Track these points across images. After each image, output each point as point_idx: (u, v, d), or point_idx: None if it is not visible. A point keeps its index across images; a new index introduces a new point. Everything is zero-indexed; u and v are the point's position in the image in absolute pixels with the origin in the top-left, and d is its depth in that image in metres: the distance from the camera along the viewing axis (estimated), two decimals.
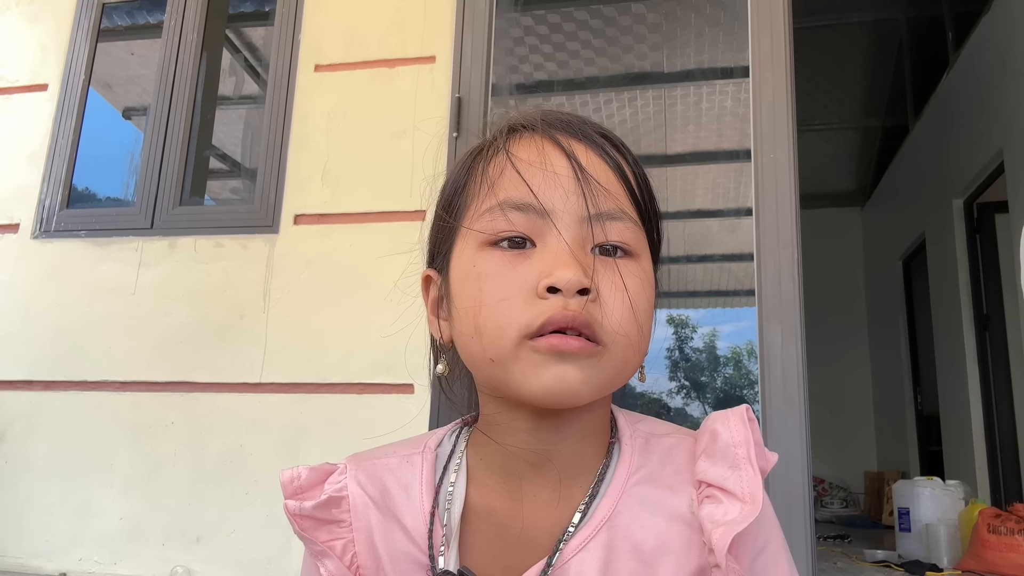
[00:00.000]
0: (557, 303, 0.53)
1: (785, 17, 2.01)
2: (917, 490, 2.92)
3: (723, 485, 0.56)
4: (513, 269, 0.55)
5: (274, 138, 2.33)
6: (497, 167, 0.59)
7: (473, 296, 0.56)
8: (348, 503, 0.61)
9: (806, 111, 5.20)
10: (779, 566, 0.59)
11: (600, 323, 0.54)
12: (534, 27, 2.88)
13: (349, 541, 0.61)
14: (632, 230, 0.58)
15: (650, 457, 0.61)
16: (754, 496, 0.55)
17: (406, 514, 0.61)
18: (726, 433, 0.58)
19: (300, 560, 0.66)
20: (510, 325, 0.54)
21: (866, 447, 6.09)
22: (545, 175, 0.57)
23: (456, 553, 0.59)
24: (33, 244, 2.42)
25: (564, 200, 0.56)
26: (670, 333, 2.88)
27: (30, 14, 2.67)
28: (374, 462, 0.64)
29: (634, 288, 0.56)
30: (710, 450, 0.59)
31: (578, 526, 0.58)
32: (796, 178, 1.91)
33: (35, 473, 2.23)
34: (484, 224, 0.57)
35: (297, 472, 0.62)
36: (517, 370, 0.54)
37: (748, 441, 0.58)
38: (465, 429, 0.67)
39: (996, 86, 3.81)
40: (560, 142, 0.59)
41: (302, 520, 0.60)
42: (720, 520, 0.55)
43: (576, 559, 0.56)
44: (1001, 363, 4.10)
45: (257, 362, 2.16)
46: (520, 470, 0.60)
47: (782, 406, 1.80)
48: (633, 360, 0.58)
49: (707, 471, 0.58)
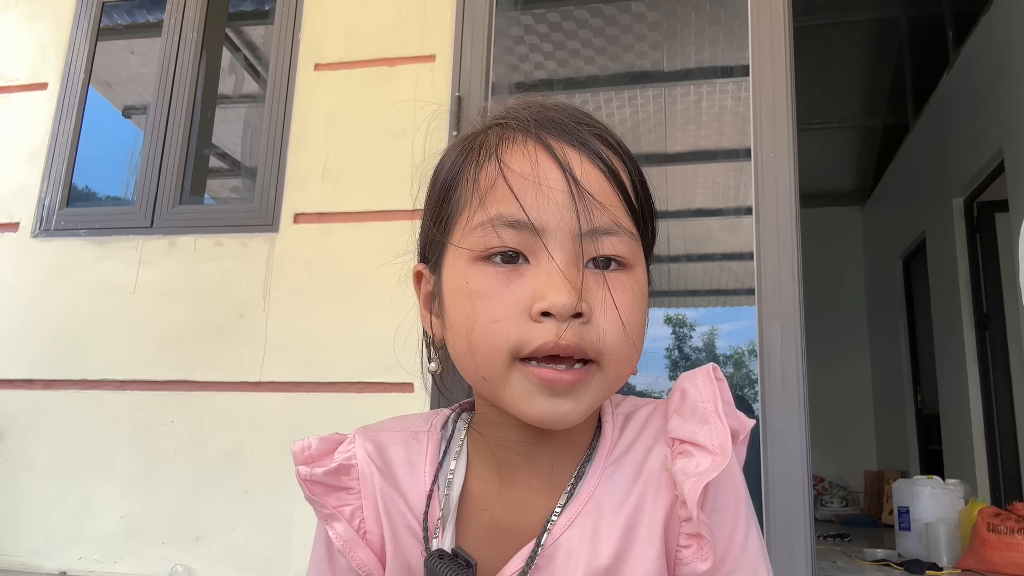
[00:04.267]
0: (550, 329, 0.53)
1: (785, 16, 2.01)
2: (917, 489, 2.92)
3: (694, 439, 0.58)
4: (506, 288, 0.55)
5: (274, 137, 2.32)
6: (488, 176, 0.58)
7: (466, 314, 0.56)
8: (357, 471, 0.63)
9: (806, 110, 5.19)
10: (724, 525, 0.59)
11: (592, 344, 0.54)
12: (534, 26, 2.88)
13: (357, 507, 0.62)
14: (626, 242, 0.57)
15: (628, 431, 0.63)
16: (723, 447, 0.57)
17: (409, 489, 0.63)
18: (694, 390, 0.61)
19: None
20: (502, 347, 0.54)
21: (866, 446, 6.08)
22: (539, 190, 0.56)
23: (452, 534, 0.61)
24: (33, 243, 2.42)
25: (558, 217, 0.55)
26: (669, 332, 2.88)
27: (30, 13, 2.67)
28: (381, 434, 0.66)
29: (627, 304, 0.56)
30: (680, 408, 0.61)
31: (564, 506, 0.60)
32: (796, 177, 1.91)
33: (35, 472, 2.23)
34: (476, 239, 0.56)
35: (308, 442, 0.63)
36: (509, 392, 0.55)
37: (715, 395, 0.60)
38: (465, 414, 0.68)
39: (996, 85, 3.81)
40: (554, 151, 0.57)
41: (313, 486, 0.62)
42: (692, 472, 0.56)
43: (565, 536, 0.58)
44: (1001, 362, 4.09)
45: (257, 361, 2.16)
46: (513, 460, 0.62)
47: (782, 405, 1.80)
48: (626, 372, 0.58)
49: (678, 428, 0.60)
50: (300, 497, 0.63)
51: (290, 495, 2.01)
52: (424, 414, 0.69)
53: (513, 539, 0.60)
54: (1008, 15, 3.66)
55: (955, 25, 4.39)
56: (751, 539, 0.60)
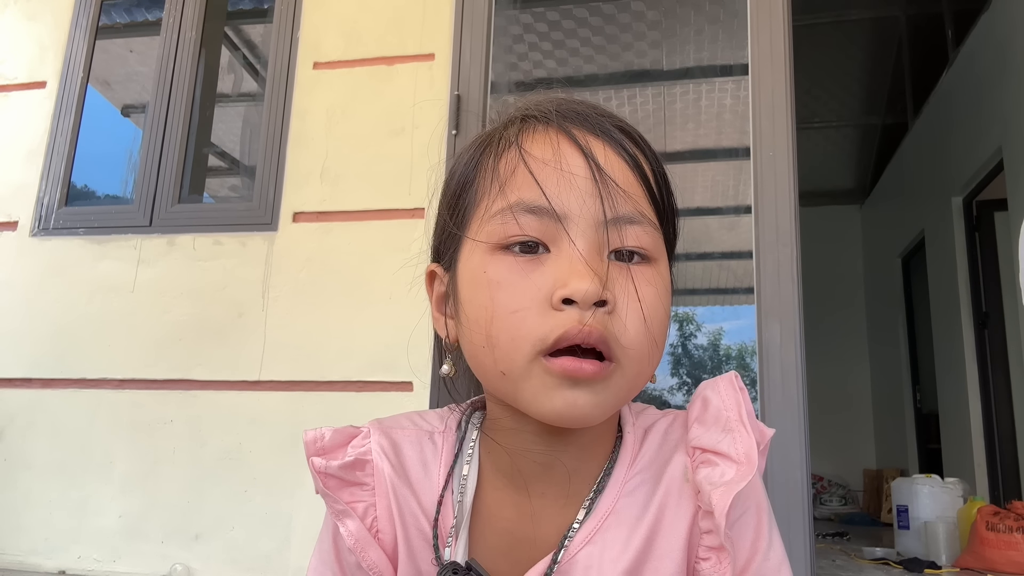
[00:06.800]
0: (573, 316, 0.51)
1: (785, 15, 2.01)
2: (916, 488, 2.92)
3: (717, 448, 0.56)
4: (526, 277, 0.53)
5: (273, 135, 2.32)
6: (509, 164, 0.56)
7: (484, 305, 0.54)
8: (372, 467, 0.60)
9: (805, 109, 5.19)
10: (746, 534, 0.58)
11: (615, 337, 0.52)
12: (533, 24, 2.88)
13: (371, 504, 0.60)
14: (650, 234, 0.55)
15: (648, 443, 0.61)
16: (749, 456, 0.55)
17: (422, 491, 0.61)
18: (716, 399, 0.59)
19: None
20: (524, 339, 0.52)
21: (865, 445, 6.09)
22: (560, 176, 0.54)
23: (465, 544, 0.59)
24: (32, 242, 2.42)
25: (580, 204, 0.53)
26: (674, 330, 2.88)
27: (28, 11, 2.66)
28: (396, 431, 0.63)
29: (650, 298, 0.54)
30: (702, 417, 0.59)
31: (583, 521, 0.57)
32: (795, 176, 1.91)
33: (34, 471, 2.23)
34: (495, 228, 0.54)
35: (320, 433, 0.61)
36: (528, 388, 0.53)
37: (739, 403, 0.58)
38: (478, 413, 0.66)
39: (996, 84, 3.81)
40: (576, 138, 0.55)
41: (327, 479, 0.59)
42: (717, 482, 0.54)
43: (584, 552, 0.56)
44: (1000, 361, 4.10)
45: (256, 360, 2.16)
46: (528, 469, 0.59)
47: (781, 404, 1.80)
48: (646, 372, 0.56)
49: (700, 437, 0.58)
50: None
51: (290, 494, 2.01)
52: (439, 412, 0.66)
53: (528, 551, 0.58)
54: (1008, 14, 3.66)
55: (955, 24, 4.39)
56: (774, 547, 0.58)
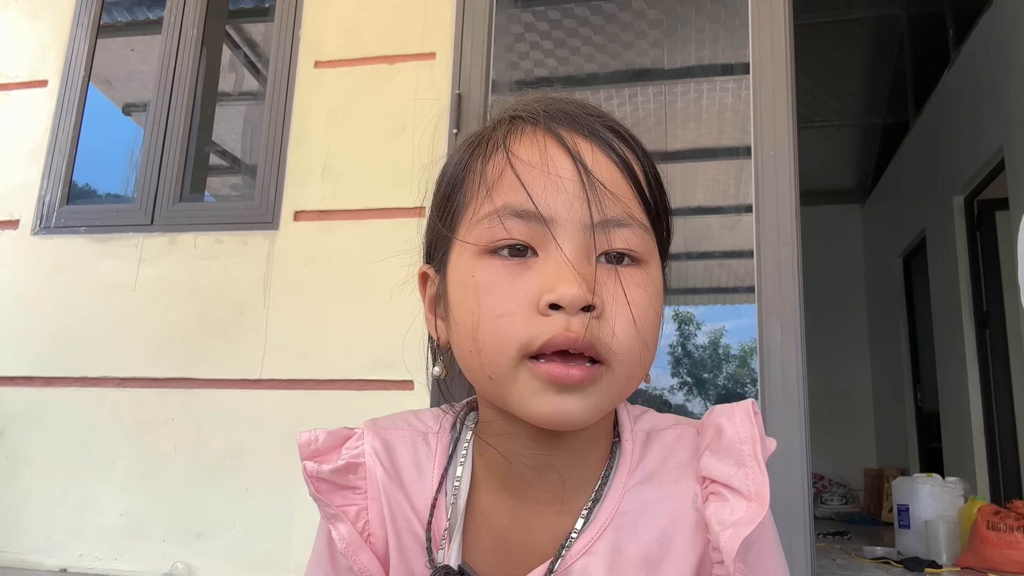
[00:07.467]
0: (559, 321, 0.50)
1: (786, 14, 2.01)
2: (916, 487, 2.92)
3: (728, 483, 0.55)
4: (513, 281, 0.52)
5: (274, 134, 2.32)
6: (496, 167, 0.55)
7: (471, 309, 0.53)
8: (364, 470, 0.60)
9: (807, 108, 5.19)
10: (769, 561, 0.58)
11: (603, 342, 0.51)
12: (534, 23, 2.88)
13: (363, 508, 0.60)
14: (640, 236, 0.55)
15: (651, 453, 0.59)
16: (760, 494, 0.53)
17: (415, 494, 0.60)
18: (731, 429, 0.57)
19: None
20: (510, 343, 0.51)
21: (866, 444, 6.09)
22: (547, 179, 0.53)
23: (458, 548, 0.58)
24: (33, 240, 2.42)
25: (567, 207, 0.53)
26: (673, 330, 2.88)
27: (30, 10, 2.66)
28: (390, 432, 0.63)
29: (640, 301, 0.53)
30: (715, 446, 0.57)
31: (581, 531, 0.56)
32: (796, 175, 1.91)
33: (35, 469, 2.23)
34: (482, 232, 0.54)
35: (315, 435, 0.61)
36: (515, 391, 0.52)
37: (754, 438, 0.56)
38: (473, 413, 0.65)
39: (997, 83, 3.81)
40: (564, 140, 0.55)
41: (318, 483, 0.60)
42: (727, 520, 0.53)
43: (580, 563, 0.55)
44: (1001, 360, 4.09)
45: (257, 358, 2.16)
46: (522, 474, 0.58)
47: (782, 403, 1.80)
48: (637, 375, 0.55)
49: (712, 467, 0.57)
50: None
51: (290, 492, 2.01)
52: (434, 411, 0.66)
53: (522, 557, 0.57)
54: (1009, 13, 3.66)
55: (956, 23, 4.38)
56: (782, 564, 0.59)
